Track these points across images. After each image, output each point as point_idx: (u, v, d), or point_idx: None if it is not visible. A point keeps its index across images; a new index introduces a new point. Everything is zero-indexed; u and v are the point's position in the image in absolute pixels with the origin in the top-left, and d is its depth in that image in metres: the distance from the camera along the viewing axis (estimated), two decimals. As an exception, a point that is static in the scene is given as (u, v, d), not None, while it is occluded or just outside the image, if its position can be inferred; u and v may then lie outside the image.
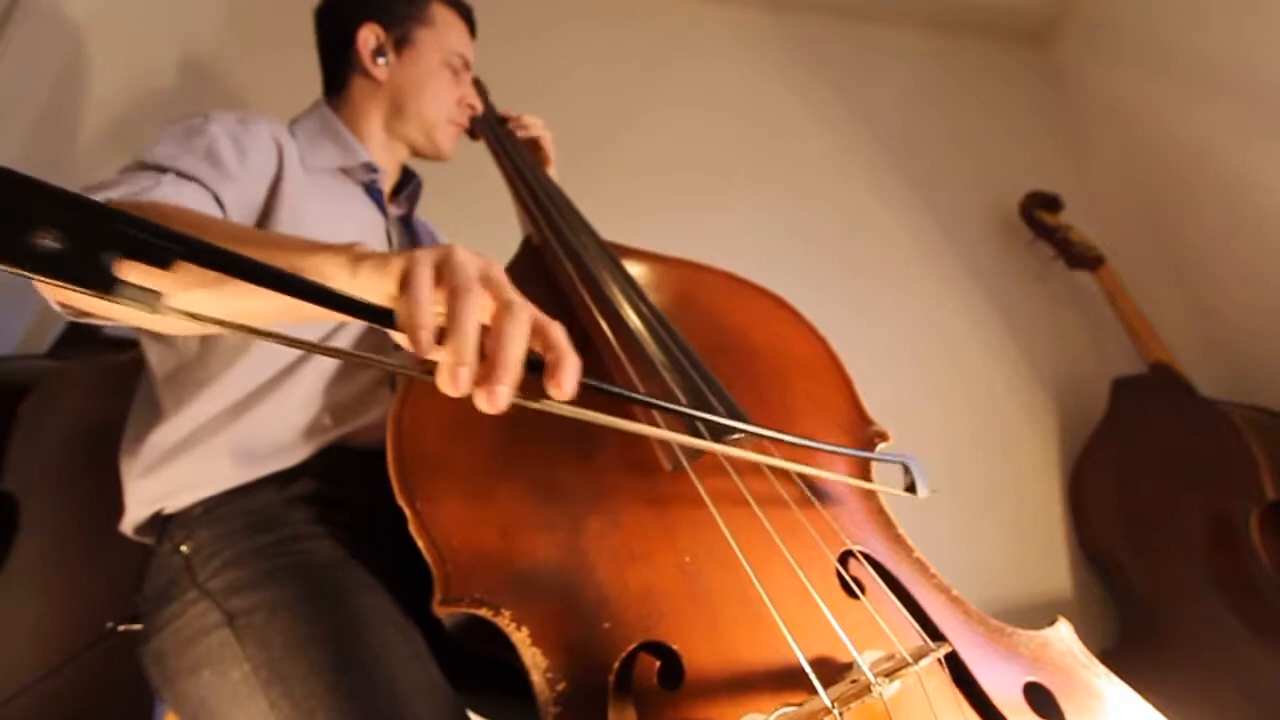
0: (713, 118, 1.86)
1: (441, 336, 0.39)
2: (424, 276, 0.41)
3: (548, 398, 0.41)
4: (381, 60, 0.97)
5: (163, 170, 0.70)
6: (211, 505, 0.74)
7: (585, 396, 0.42)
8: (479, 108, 1.07)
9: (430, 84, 0.99)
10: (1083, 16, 2.07)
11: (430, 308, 0.40)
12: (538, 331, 0.42)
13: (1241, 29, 1.66)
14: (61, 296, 0.54)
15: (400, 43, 0.98)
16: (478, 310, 0.40)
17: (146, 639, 0.72)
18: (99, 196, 0.60)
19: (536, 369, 0.41)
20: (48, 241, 0.29)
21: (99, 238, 0.30)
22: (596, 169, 1.58)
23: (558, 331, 0.43)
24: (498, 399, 0.39)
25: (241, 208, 0.77)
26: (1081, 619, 0.65)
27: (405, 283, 0.41)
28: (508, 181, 1.01)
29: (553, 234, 0.85)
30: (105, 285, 0.30)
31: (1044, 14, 2.13)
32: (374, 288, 0.44)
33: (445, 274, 0.41)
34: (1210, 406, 1.50)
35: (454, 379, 0.38)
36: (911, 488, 0.65)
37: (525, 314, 0.41)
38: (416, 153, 1.03)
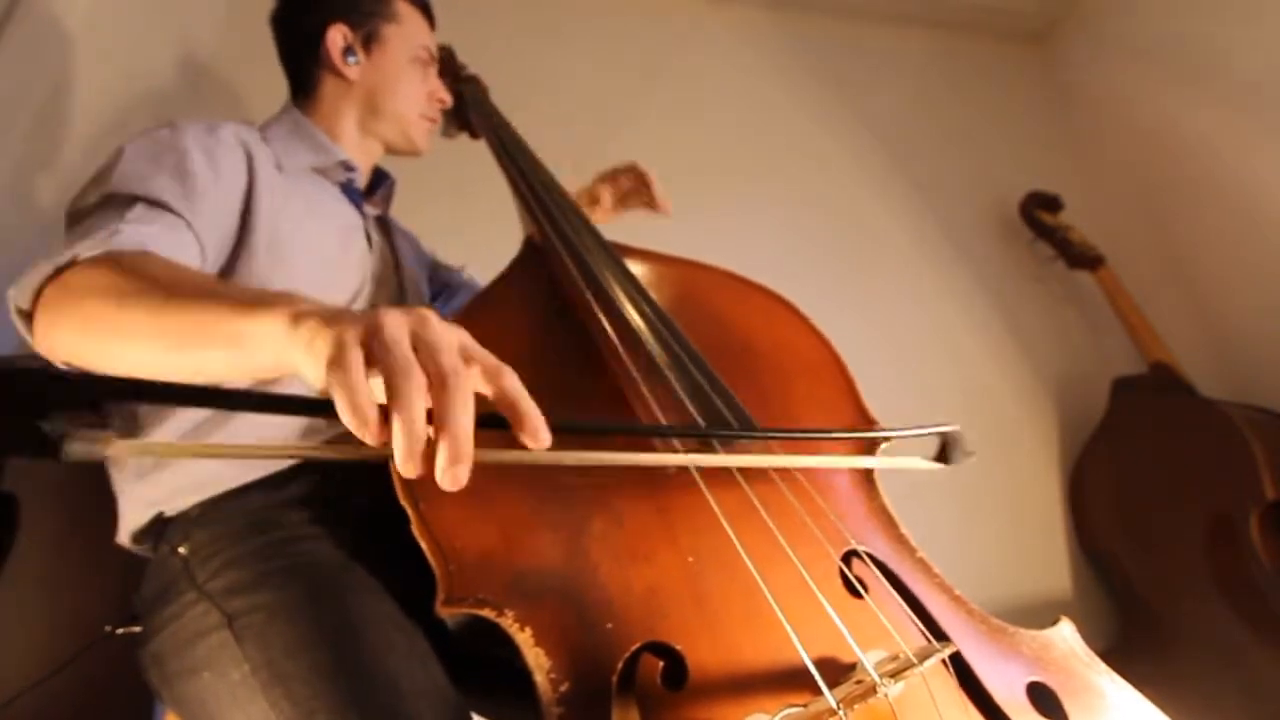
0: (713, 118, 1.86)
1: (386, 416, 0.37)
2: (353, 362, 0.37)
3: (523, 448, 0.40)
4: (352, 60, 0.96)
5: (134, 199, 0.70)
6: (208, 507, 0.74)
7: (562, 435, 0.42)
8: (448, 101, 1.06)
9: (402, 82, 0.99)
10: (1083, 16, 2.07)
11: (366, 394, 0.37)
12: (489, 383, 0.41)
13: (1242, 29, 1.67)
14: None
15: (368, 41, 0.98)
16: (417, 389, 0.37)
17: (145, 640, 0.72)
18: (69, 252, 0.60)
19: (499, 425, 0.39)
20: None
21: (23, 408, 0.31)
22: (597, 169, 1.58)
23: (509, 380, 0.41)
24: (457, 477, 0.37)
25: (216, 223, 0.76)
26: (1082, 619, 0.65)
27: (334, 366, 0.38)
28: (509, 180, 1.01)
29: (554, 233, 0.84)
30: (54, 450, 0.31)
31: (1044, 14, 2.13)
32: (304, 359, 0.41)
33: (377, 353, 0.38)
34: (1210, 406, 1.50)
35: (409, 462, 0.37)
36: (943, 457, 0.59)
37: (463, 380, 0.39)
38: (391, 150, 1.02)
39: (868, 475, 0.72)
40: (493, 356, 0.42)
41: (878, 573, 0.62)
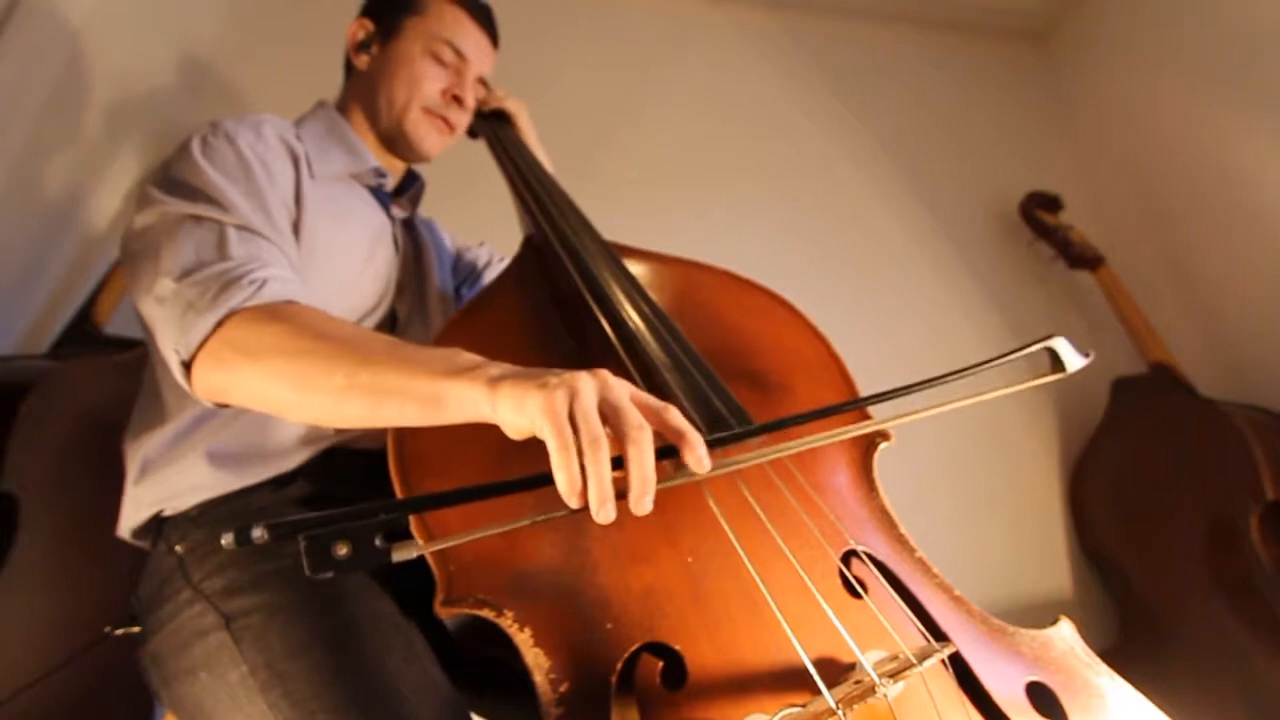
0: (712, 118, 1.86)
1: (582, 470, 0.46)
2: (572, 460, 0.45)
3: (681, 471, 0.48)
4: (364, 53, 0.96)
5: (220, 224, 0.69)
6: (208, 507, 0.74)
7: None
8: (466, 100, 0.99)
9: (403, 69, 0.94)
10: (1083, 16, 2.07)
11: (579, 474, 0.45)
12: (654, 418, 0.48)
13: (1242, 29, 1.66)
14: None
15: (387, 34, 0.96)
16: (604, 460, 0.45)
17: (144, 640, 0.72)
18: (224, 305, 0.62)
19: (667, 455, 0.48)
20: (342, 551, 0.41)
21: (365, 533, 0.42)
22: (596, 168, 1.58)
23: (672, 415, 0.49)
24: (645, 507, 0.46)
25: (289, 238, 0.76)
26: (1081, 619, 0.65)
27: (558, 445, 0.45)
28: (508, 180, 1.01)
29: (553, 233, 0.84)
30: (384, 557, 0.43)
31: (1044, 14, 2.13)
32: (508, 418, 0.49)
33: (576, 419, 0.46)
34: (1210, 406, 1.49)
35: (601, 510, 0.45)
36: (1058, 365, 0.58)
37: (644, 434, 0.46)
38: (393, 150, 0.97)
39: (867, 476, 0.72)
40: (653, 398, 0.50)
41: (877, 573, 0.61)
